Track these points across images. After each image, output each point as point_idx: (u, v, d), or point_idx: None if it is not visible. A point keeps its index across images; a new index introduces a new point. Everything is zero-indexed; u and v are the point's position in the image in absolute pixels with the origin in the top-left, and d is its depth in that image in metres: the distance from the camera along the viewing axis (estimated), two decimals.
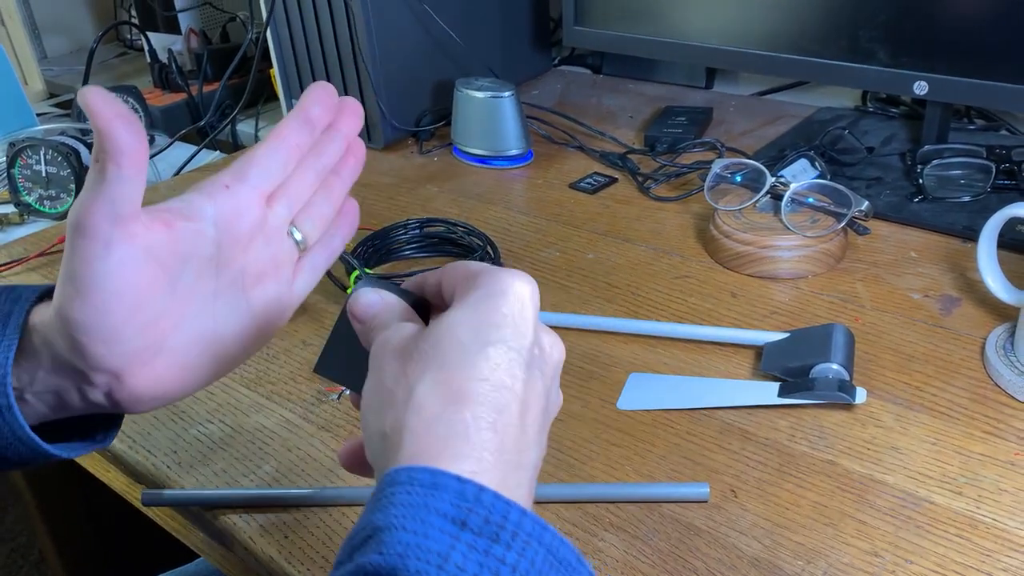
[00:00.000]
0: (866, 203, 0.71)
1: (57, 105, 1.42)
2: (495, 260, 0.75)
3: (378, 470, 0.31)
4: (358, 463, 0.37)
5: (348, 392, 0.41)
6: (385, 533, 0.27)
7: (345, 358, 0.39)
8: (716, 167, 0.78)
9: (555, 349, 0.35)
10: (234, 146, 1.23)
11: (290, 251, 0.43)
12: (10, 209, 1.01)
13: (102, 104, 0.34)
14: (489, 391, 0.30)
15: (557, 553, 0.28)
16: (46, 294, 0.40)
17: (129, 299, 0.37)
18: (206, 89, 1.27)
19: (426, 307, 0.39)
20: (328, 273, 0.75)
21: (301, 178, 0.43)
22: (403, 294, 0.38)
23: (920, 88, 0.78)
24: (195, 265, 0.39)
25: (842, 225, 0.71)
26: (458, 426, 0.29)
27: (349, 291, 0.71)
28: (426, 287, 0.39)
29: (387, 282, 0.39)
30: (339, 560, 0.29)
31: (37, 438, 0.39)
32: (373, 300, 0.37)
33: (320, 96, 0.43)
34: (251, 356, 0.43)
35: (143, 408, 0.40)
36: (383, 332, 0.35)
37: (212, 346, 0.40)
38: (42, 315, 0.39)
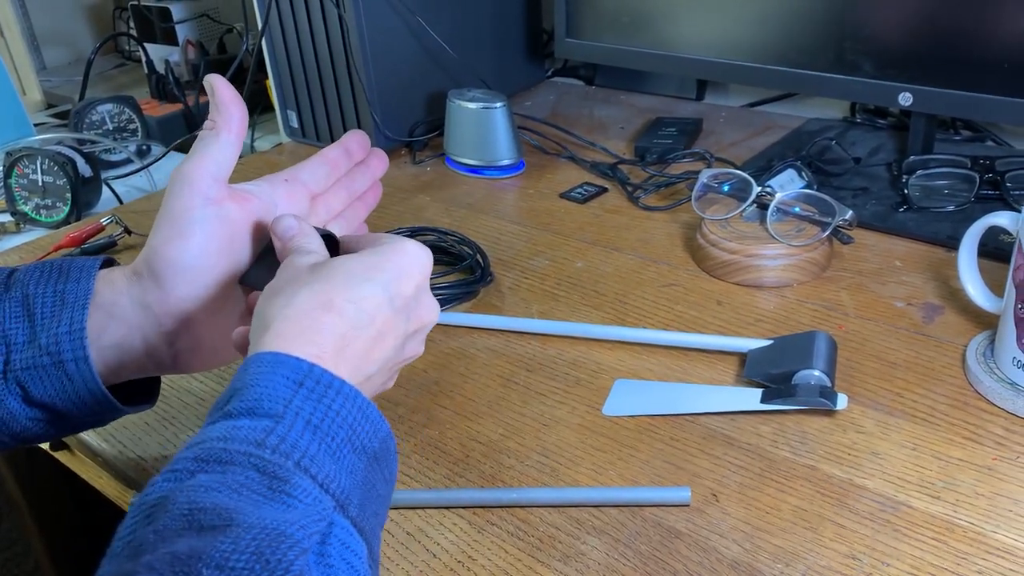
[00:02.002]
0: (850, 212, 0.72)
1: (55, 115, 1.43)
2: (485, 268, 0.76)
3: (251, 348, 0.39)
4: (243, 347, 0.43)
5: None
6: (243, 391, 0.36)
7: (266, 272, 0.45)
8: (703, 177, 0.79)
9: (430, 312, 0.44)
10: None
11: (319, 248, 0.48)
12: (6, 218, 1.02)
13: (224, 86, 0.47)
14: (353, 311, 0.39)
15: (366, 411, 0.37)
16: (105, 264, 0.48)
17: (214, 249, 0.45)
18: (202, 100, 1.28)
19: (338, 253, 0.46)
20: None
21: (336, 193, 0.53)
22: (325, 237, 0.46)
23: (905, 99, 0.79)
24: (254, 240, 0.47)
25: (827, 234, 0.72)
26: (316, 324, 0.38)
27: None
28: (346, 243, 0.47)
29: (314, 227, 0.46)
30: (209, 420, 0.36)
31: (106, 391, 0.44)
32: (292, 224, 0.45)
33: (357, 137, 0.54)
34: None
35: (195, 365, 0.48)
36: (295, 255, 0.43)
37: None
38: (109, 277, 0.46)
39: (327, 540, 0.32)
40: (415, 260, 0.43)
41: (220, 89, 0.47)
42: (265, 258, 0.47)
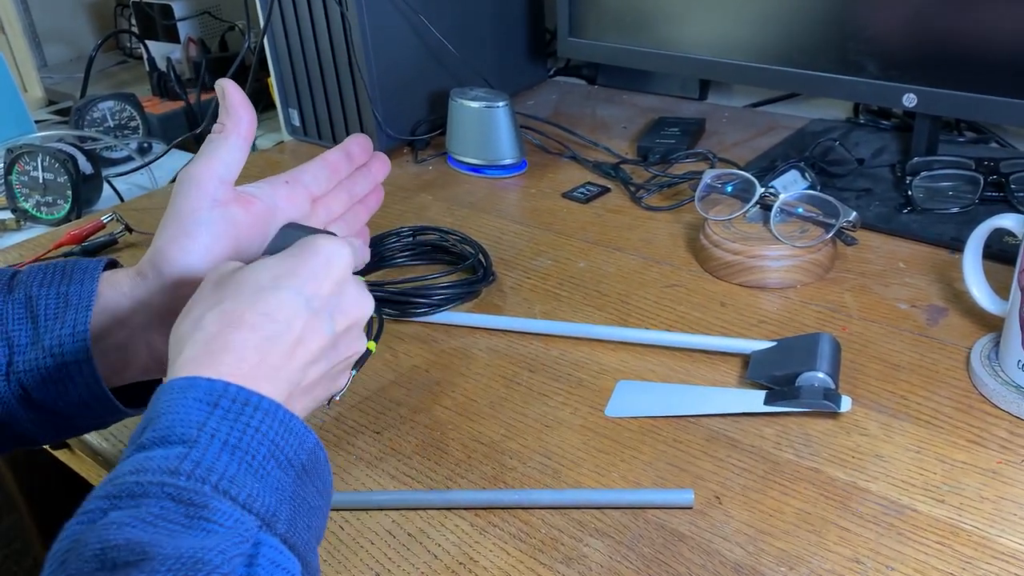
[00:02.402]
0: (854, 214, 0.72)
1: (56, 112, 1.43)
2: (487, 268, 0.75)
3: (167, 375, 0.38)
4: None
5: None
6: (155, 420, 0.35)
7: None
8: (707, 177, 0.79)
9: (359, 306, 0.43)
10: None
11: None
12: (7, 215, 1.02)
13: (234, 90, 0.47)
14: (266, 323, 0.38)
15: (289, 424, 0.36)
16: (108, 265, 0.47)
17: (219, 250, 0.45)
18: (204, 97, 1.28)
19: None
20: None
21: (337, 196, 0.53)
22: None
23: (909, 100, 0.79)
24: (257, 242, 0.47)
25: (830, 235, 0.72)
26: (227, 342, 0.37)
27: None
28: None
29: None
30: (123, 456, 0.35)
31: (109, 393, 0.44)
32: None
33: (359, 140, 0.54)
34: None
35: None
36: (212, 270, 0.42)
37: None
38: (112, 279, 0.46)
39: (254, 561, 0.31)
40: (329, 258, 0.41)
41: (230, 92, 0.47)
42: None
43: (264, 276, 0.39)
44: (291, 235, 0.45)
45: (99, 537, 0.30)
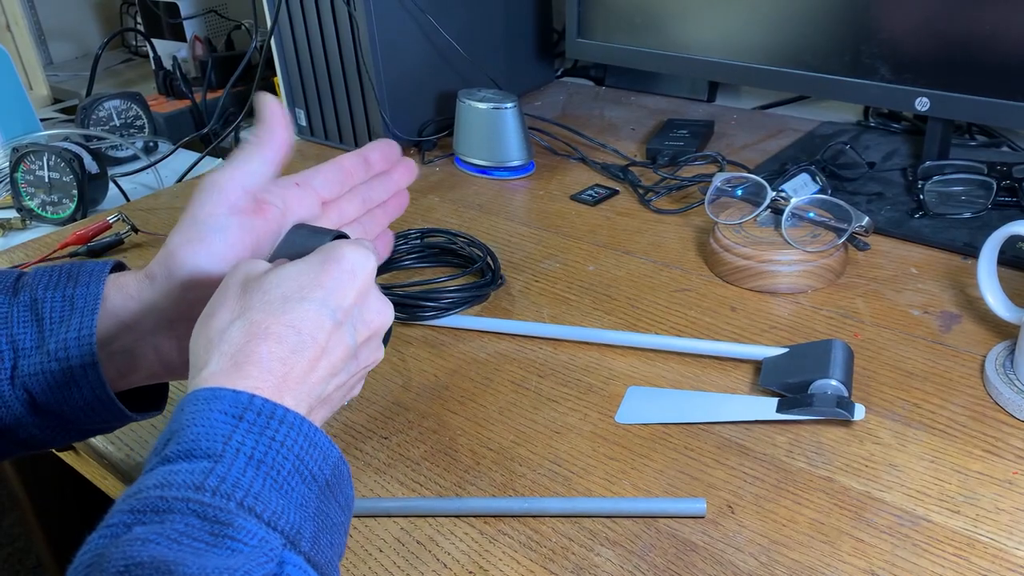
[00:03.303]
0: (867, 218, 0.71)
1: (61, 111, 1.42)
2: (495, 271, 0.75)
3: (189, 386, 0.38)
4: None
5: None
6: (180, 432, 0.34)
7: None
8: (717, 181, 0.78)
9: (380, 316, 0.42)
10: None
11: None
12: (12, 214, 1.01)
13: (275, 107, 0.47)
14: (292, 335, 0.37)
15: (313, 438, 0.36)
16: (116, 268, 0.47)
17: (232, 257, 0.45)
18: (210, 96, 1.27)
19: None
20: None
21: (350, 200, 0.52)
22: (338, 238, 0.45)
23: (922, 104, 0.78)
24: (268, 245, 0.47)
25: (842, 240, 0.71)
26: (253, 355, 0.36)
27: None
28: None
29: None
30: (147, 467, 0.34)
31: (115, 397, 0.44)
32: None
33: (382, 148, 0.53)
34: None
35: None
36: (230, 273, 0.41)
37: None
38: (119, 281, 0.45)
39: None
40: (354, 267, 0.40)
41: (270, 109, 0.47)
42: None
43: (290, 286, 0.39)
44: (301, 236, 0.45)
45: (123, 553, 0.29)
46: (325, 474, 0.36)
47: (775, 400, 0.58)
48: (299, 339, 0.37)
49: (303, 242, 0.44)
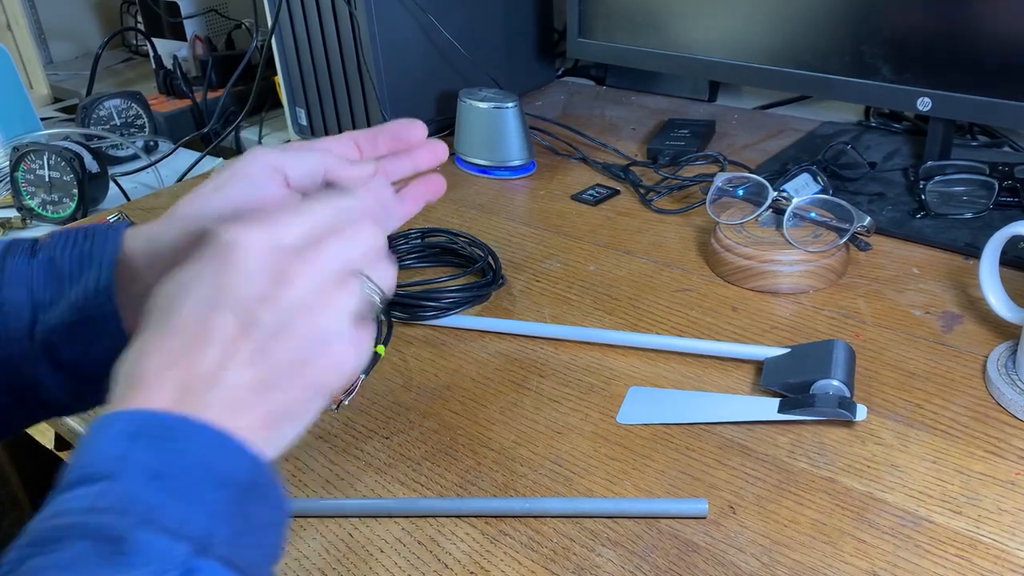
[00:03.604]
0: (868, 219, 0.71)
1: (62, 110, 1.42)
2: (496, 271, 0.75)
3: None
4: None
5: None
6: (76, 461, 0.33)
7: None
8: (718, 180, 0.78)
9: (294, 287, 0.36)
10: (237, 153, 1.23)
11: None
12: (12, 213, 1.01)
13: (397, 128, 0.50)
14: (178, 339, 0.35)
15: (221, 441, 0.34)
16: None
17: (234, 208, 0.43)
18: (210, 96, 1.27)
19: None
20: None
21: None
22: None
23: (923, 104, 0.78)
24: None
25: (844, 240, 0.71)
26: (142, 373, 0.35)
27: None
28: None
29: None
30: (47, 502, 0.33)
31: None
32: None
33: (400, 126, 0.51)
34: None
35: None
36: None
37: None
38: (135, 233, 0.44)
39: None
40: (239, 254, 0.35)
41: (395, 127, 0.49)
42: None
43: (172, 289, 0.36)
44: None
45: None
46: (240, 476, 0.34)
47: (776, 400, 0.58)
48: (185, 345, 0.35)
49: None
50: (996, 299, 0.62)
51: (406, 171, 0.51)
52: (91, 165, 0.99)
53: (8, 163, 1.01)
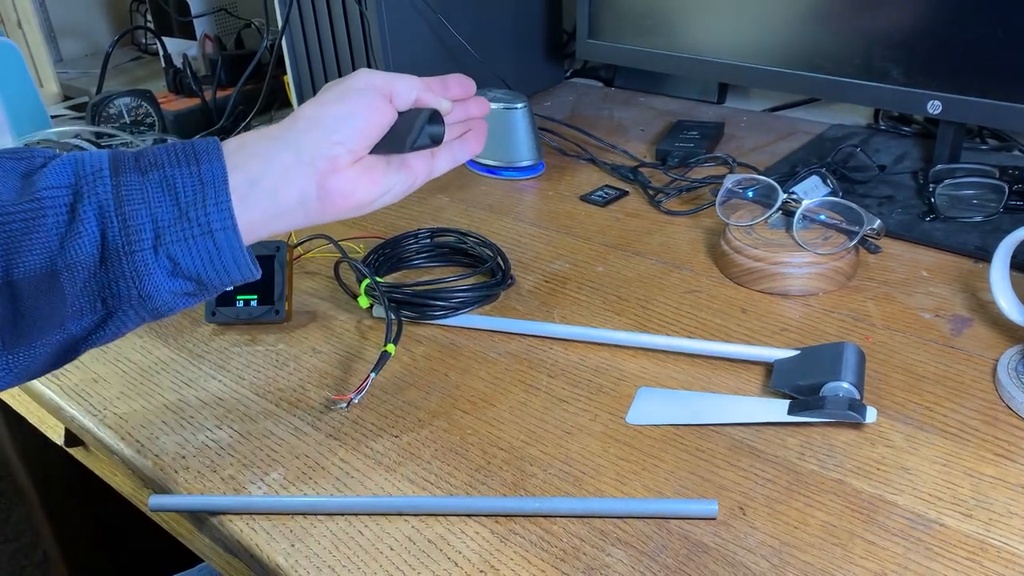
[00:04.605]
0: (878, 221, 0.71)
1: (72, 108, 1.43)
2: (505, 271, 0.75)
3: None
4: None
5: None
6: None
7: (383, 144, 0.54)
8: (728, 182, 0.78)
9: None
10: None
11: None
12: None
13: (466, 83, 0.61)
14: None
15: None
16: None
17: (361, 119, 0.52)
18: (220, 94, 1.27)
19: None
20: (339, 282, 0.75)
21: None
22: (434, 114, 0.56)
23: (934, 107, 0.78)
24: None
25: (854, 243, 0.71)
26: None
27: (359, 299, 0.71)
28: None
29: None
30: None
31: (251, 259, 0.48)
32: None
33: (459, 78, 0.61)
34: (401, 191, 0.56)
35: (337, 201, 0.51)
36: None
37: (386, 176, 0.54)
38: (243, 140, 0.50)
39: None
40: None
41: (462, 83, 0.60)
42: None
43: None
44: (401, 119, 0.54)
45: None
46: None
47: (786, 402, 0.58)
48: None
49: (400, 123, 0.53)
50: (1006, 303, 0.62)
51: (460, 116, 0.61)
52: None
53: None
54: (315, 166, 0.50)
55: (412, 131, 0.53)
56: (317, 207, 0.51)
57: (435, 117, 0.55)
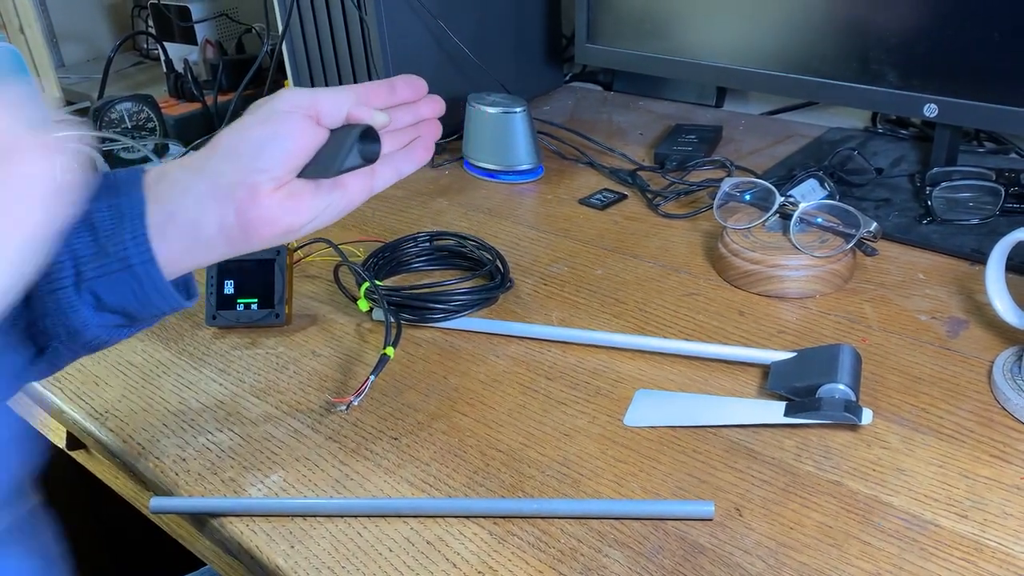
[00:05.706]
0: (875, 224, 0.72)
1: (74, 112, 1.43)
2: (504, 274, 0.75)
3: None
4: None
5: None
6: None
7: (312, 165, 0.50)
8: (725, 186, 0.79)
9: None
10: None
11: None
12: None
13: (403, 85, 0.57)
14: None
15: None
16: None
17: (283, 143, 0.49)
18: (221, 99, 1.28)
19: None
20: (339, 285, 0.76)
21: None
22: (366, 130, 0.51)
23: (930, 111, 0.79)
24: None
25: (851, 246, 0.71)
26: None
27: (359, 303, 0.71)
28: None
29: None
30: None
31: (173, 289, 0.48)
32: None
33: (406, 79, 0.57)
34: (336, 212, 0.53)
35: (261, 231, 0.49)
36: None
37: (315, 200, 0.51)
38: (162, 172, 0.49)
39: None
40: None
41: (409, 82, 0.56)
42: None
43: None
44: (333, 135, 0.50)
45: None
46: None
47: (783, 404, 0.59)
48: None
49: (329, 144, 0.50)
50: (1002, 305, 0.62)
51: (408, 121, 0.57)
52: (103, 167, 1.00)
53: None
54: (233, 196, 0.48)
55: (340, 153, 0.49)
56: (240, 236, 0.49)
57: (368, 134, 0.51)
